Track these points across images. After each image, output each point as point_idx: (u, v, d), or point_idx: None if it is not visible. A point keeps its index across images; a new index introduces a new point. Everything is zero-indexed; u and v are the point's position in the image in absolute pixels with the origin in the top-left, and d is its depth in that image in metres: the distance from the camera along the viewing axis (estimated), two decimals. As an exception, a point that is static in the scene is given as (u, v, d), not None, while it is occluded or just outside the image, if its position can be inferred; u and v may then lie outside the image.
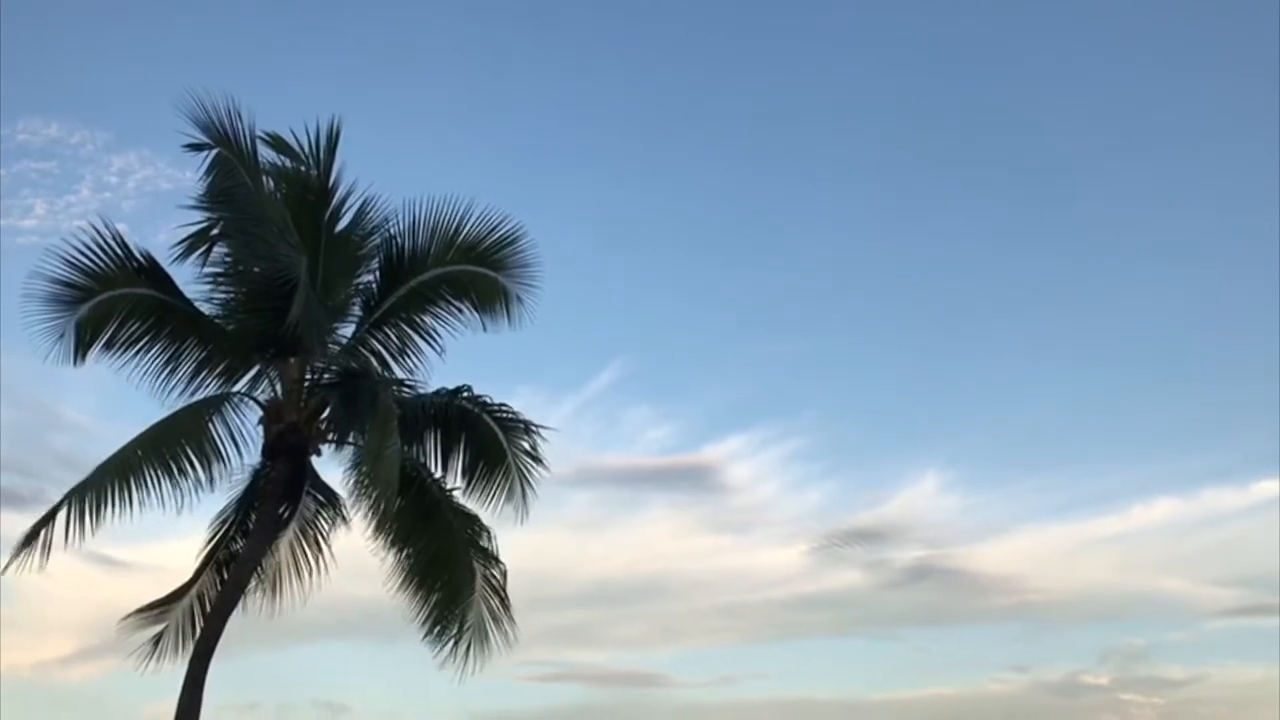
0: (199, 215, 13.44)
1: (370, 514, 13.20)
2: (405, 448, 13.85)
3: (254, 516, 14.18)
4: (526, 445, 14.40)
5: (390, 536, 14.01)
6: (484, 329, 14.78)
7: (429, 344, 14.81)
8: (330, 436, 13.92)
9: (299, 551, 14.63)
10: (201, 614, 14.41)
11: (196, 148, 13.38)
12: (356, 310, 14.75)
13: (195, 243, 13.62)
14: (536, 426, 14.47)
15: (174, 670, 13.13)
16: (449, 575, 14.13)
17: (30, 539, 12.48)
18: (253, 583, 13.94)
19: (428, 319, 14.77)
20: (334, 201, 14.42)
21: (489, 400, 14.44)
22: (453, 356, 14.84)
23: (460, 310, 14.76)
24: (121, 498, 12.58)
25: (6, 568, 12.45)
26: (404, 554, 14.16)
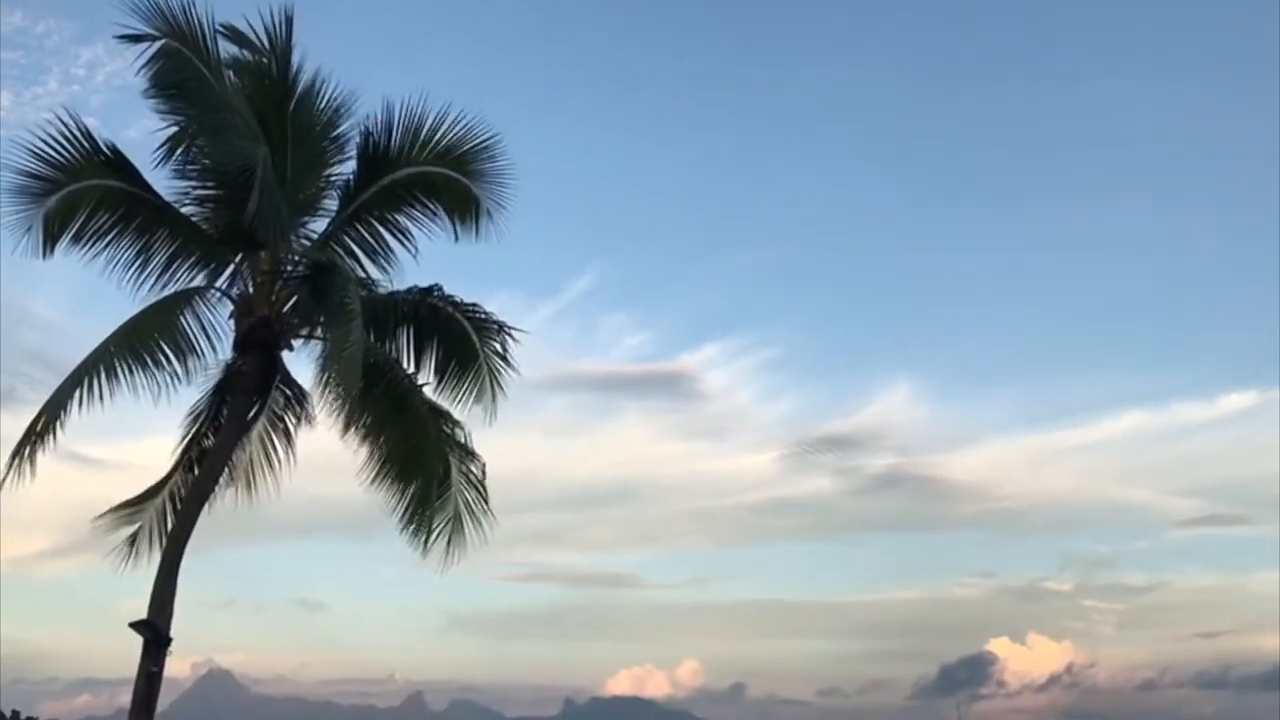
0: (158, 110, 13.31)
1: (334, 407, 13.25)
2: (378, 344, 13.95)
3: (225, 410, 14.27)
4: (498, 346, 14.48)
5: (362, 429, 14.12)
6: (455, 237, 14.73)
7: (402, 243, 14.79)
8: (301, 331, 13.94)
9: (267, 446, 14.74)
10: (173, 511, 14.57)
11: (135, 39, 12.91)
12: (330, 205, 14.68)
13: (173, 142, 13.57)
14: (509, 327, 14.58)
15: (149, 567, 13.27)
16: (423, 468, 14.27)
17: (19, 450, 12.57)
18: (224, 476, 14.05)
19: (401, 218, 14.73)
20: (297, 93, 14.26)
21: (461, 300, 14.49)
22: (428, 259, 14.84)
23: (433, 213, 14.70)
24: (98, 393, 12.65)
25: (2, 482, 12.59)
26: (376, 446, 14.27)
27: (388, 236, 14.77)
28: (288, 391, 14.60)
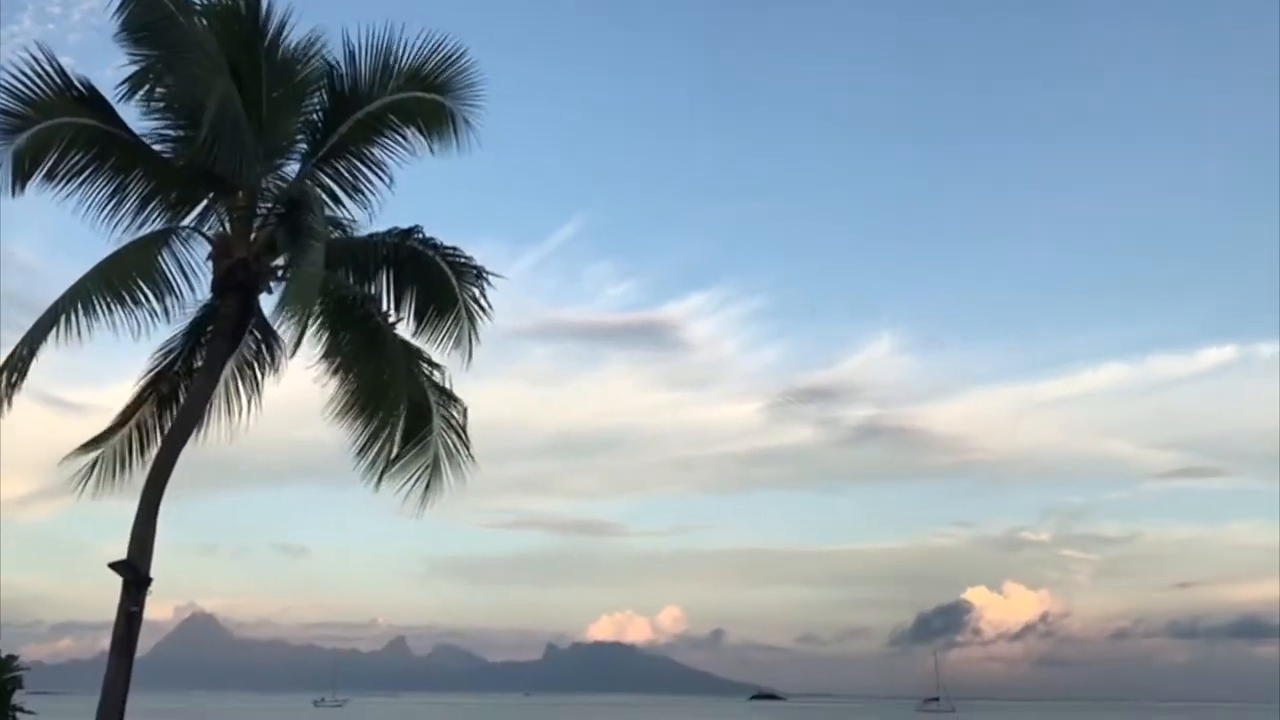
0: (129, 52, 13.25)
1: (290, 328, 13.10)
2: (356, 284, 13.93)
3: (202, 352, 14.22)
4: (477, 291, 14.48)
5: (334, 365, 14.11)
6: (431, 152, 14.65)
7: (378, 175, 14.70)
8: (279, 274, 13.88)
9: (236, 389, 14.72)
10: (140, 444, 14.56)
11: None
12: (304, 145, 14.56)
13: (137, 79, 13.43)
14: (488, 272, 14.59)
15: (123, 508, 13.28)
16: (394, 403, 14.29)
17: None
18: (202, 419, 14.02)
19: (375, 150, 14.67)
20: (268, 35, 14.16)
21: (441, 243, 14.47)
22: (412, 206, 14.81)
23: (406, 139, 14.64)
24: (76, 330, 12.59)
25: None
26: (346, 381, 14.25)
27: (363, 170, 14.70)
28: (260, 336, 14.55)
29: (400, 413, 14.24)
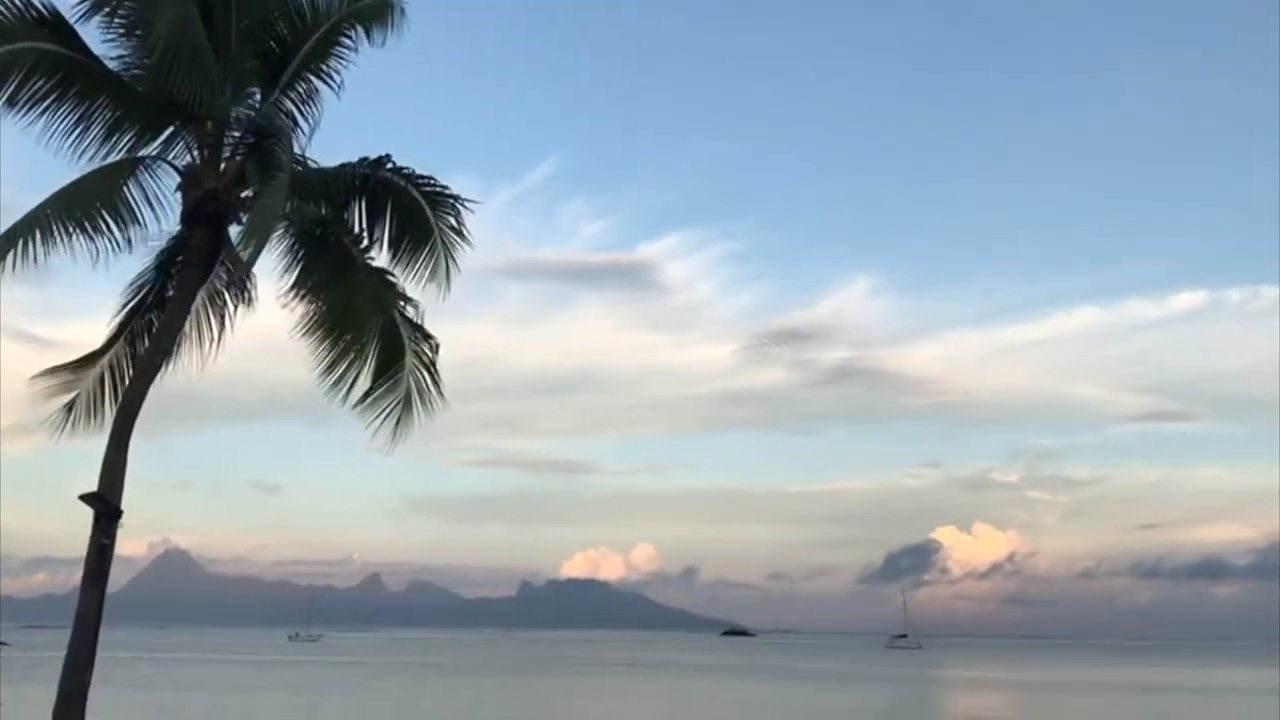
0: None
1: (246, 253, 12.93)
2: (327, 214, 13.78)
3: (172, 285, 14.07)
4: (453, 220, 14.32)
5: (303, 292, 14.00)
6: (369, 44, 14.46)
7: (326, 84, 14.49)
8: (249, 205, 13.68)
9: (208, 321, 14.58)
10: (114, 383, 14.45)
11: None
12: (272, 73, 14.30)
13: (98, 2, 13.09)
14: (463, 200, 14.40)
15: (100, 445, 13.13)
16: (374, 338, 14.23)
17: None
18: (172, 352, 13.89)
19: (330, 62, 14.43)
20: None
21: (414, 172, 14.27)
22: (383, 143, 14.58)
23: (351, 40, 14.41)
24: (33, 256, 12.39)
25: None
26: (315, 307, 14.14)
27: (316, 82, 14.52)
28: (230, 267, 14.39)
29: (369, 339, 14.17)
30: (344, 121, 16.34)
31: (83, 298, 14.71)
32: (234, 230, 13.90)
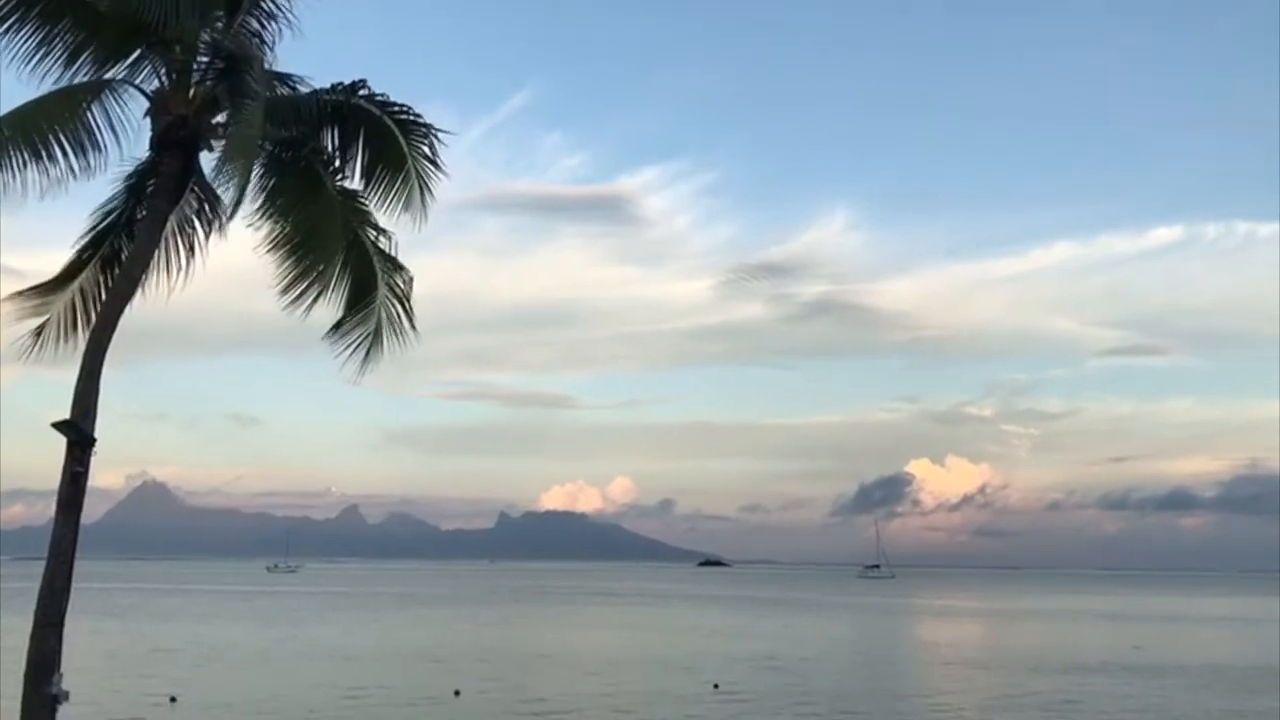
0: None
1: (230, 185, 12.71)
2: (299, 138, 13.58)
3: (142, 212, 13.87)
4: (426, 149, 14.15)
5: (270, 212, 13.84)
6: None
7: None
8: (220, 131, 13.47)
9: (178, 248, 14.40)
10: (85, 309, 14.32)
11: None
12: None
13: None
14: (436, 129, 14.20)
15: (71, 375, 12.99)
16: (340, 261, 14.11)
17: None
18: (142, 280, 13.72)
19: None
20: None
21: (387, 99, 14.04)
22: (356, 72, 14.16)
23: None
24: None
25: None
26: (282, 226, 13.99)
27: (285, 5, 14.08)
28: (202, 194, 14.20)
29: (334, 262, 14.04)
30: (318, 50, 16.04)
31: (58, 228, 14.47)
32: (205, 157, 13.71)
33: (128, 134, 13.32)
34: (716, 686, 43.66)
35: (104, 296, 14.10)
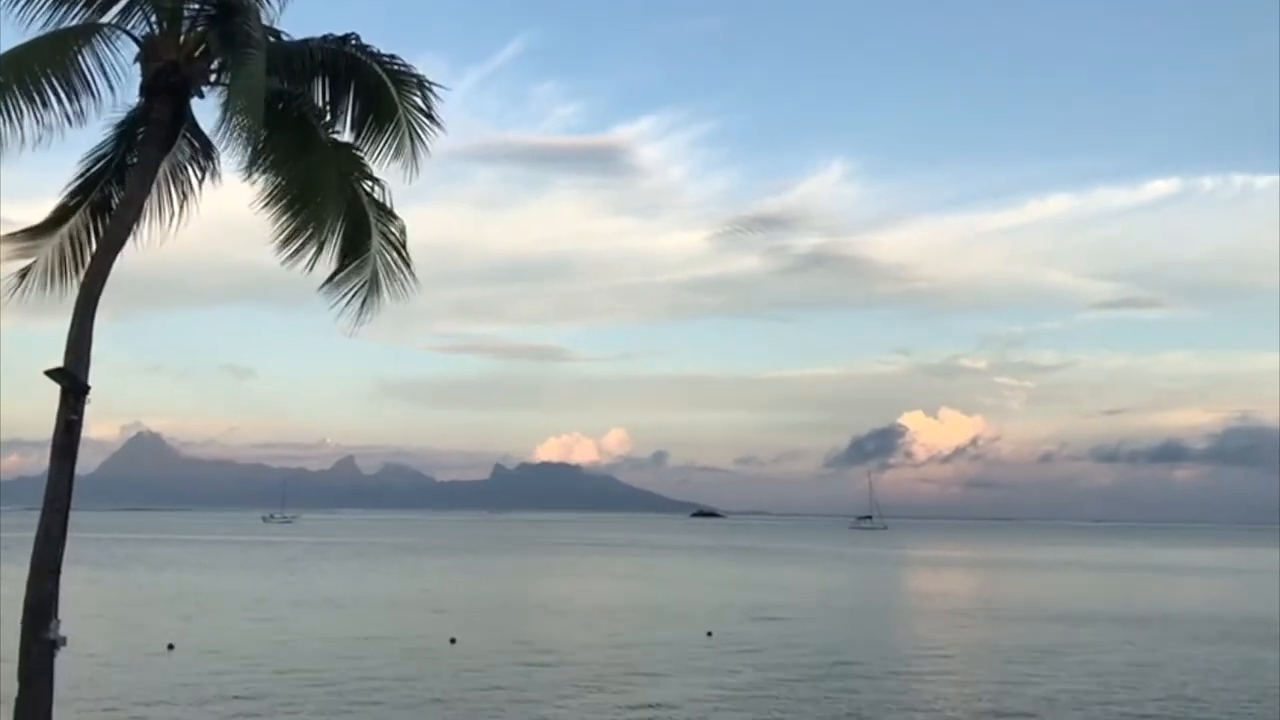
0: None
1: (238, 144, 12.68)
2: (290, 90, 13.48)
3: (132, 158, 13.80)
4: (418, 100, 14.07)
5: (266, 167, 13.76)
6: None
7: None
8: (211, 77, 13.37)
9: (171, 196, 14.33)
10: (74, 255, 14.28)
11: None
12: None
13: None
14: (429, 83, 14.13)
15: (66, 326, 12.96)
16: (336, 215, 14.04)
17: None
18: (133, 228, 13.67)
19: None
20: None
21: (378, 50, 13.96)
22: (347, 22, 14.04)
23: None
24: None
25: None
26: (277, 181, 13.93)
27: None
28: (194, 141, 14.10)
29: (330, 215, 13.98)
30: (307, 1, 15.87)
31: (54, 178, 14.36)
32: (198, 104, 13.62)
33: (120, 80, 13.23)
34: (710, 634, 44.14)
35: (93, 243, 14.06)
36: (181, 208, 14.37)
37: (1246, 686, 33.05)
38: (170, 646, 37.69)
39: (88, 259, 13.94)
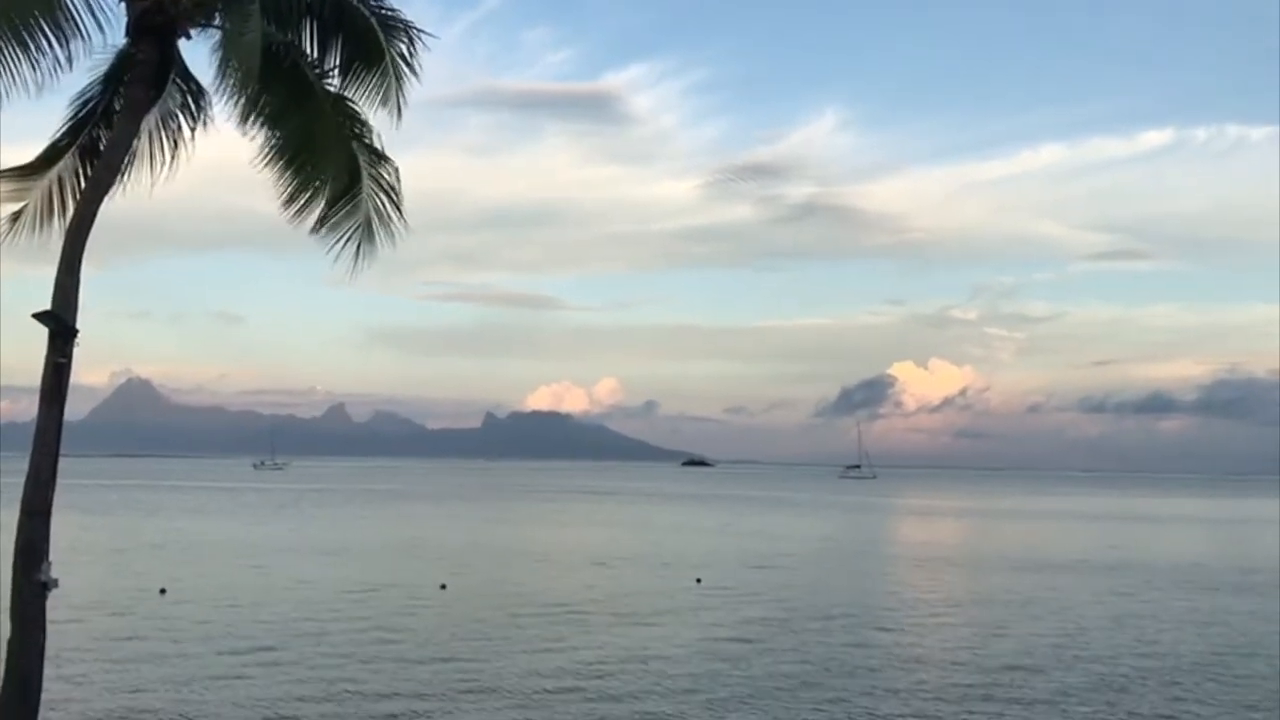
0: None
1: (233, 95, 12.67)
2: (280, 35, 13.32)
3: (119, 102, 13.66)
4: (404, 48, 13.95)
5: (261, 119, 13.65)
6: None
7: None
8: (199, 18, 13.21)
9: (160, 141, 14.21)
10: (62, 199, 14.19)
11: None
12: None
13: None
14: (418, 30, 14.00)
15: (48, 272, 12.92)
16: (323, 156, 13.97)
17: None
18: (121, 172, 13.58)
19: None
20: None
21: (366, -5, 13.78)
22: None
23: None
24: None
25: None
26: (274, 135, 13.85)
27: None
28: (184, 86, 13.97)
29: (330, 169, 13.89)
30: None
31: (50, 124, 14.24)
32: (184, 47, 13.46)
33: (110, 23, 13.06)
34: (699, 581, 44.57)
35: (82, 186, 13.97)
36: (173, 156, 14.27)
37: (1218, 633, 33.61)
38: (163, 591, 37.97)
39: (74, 204, 13.87)
